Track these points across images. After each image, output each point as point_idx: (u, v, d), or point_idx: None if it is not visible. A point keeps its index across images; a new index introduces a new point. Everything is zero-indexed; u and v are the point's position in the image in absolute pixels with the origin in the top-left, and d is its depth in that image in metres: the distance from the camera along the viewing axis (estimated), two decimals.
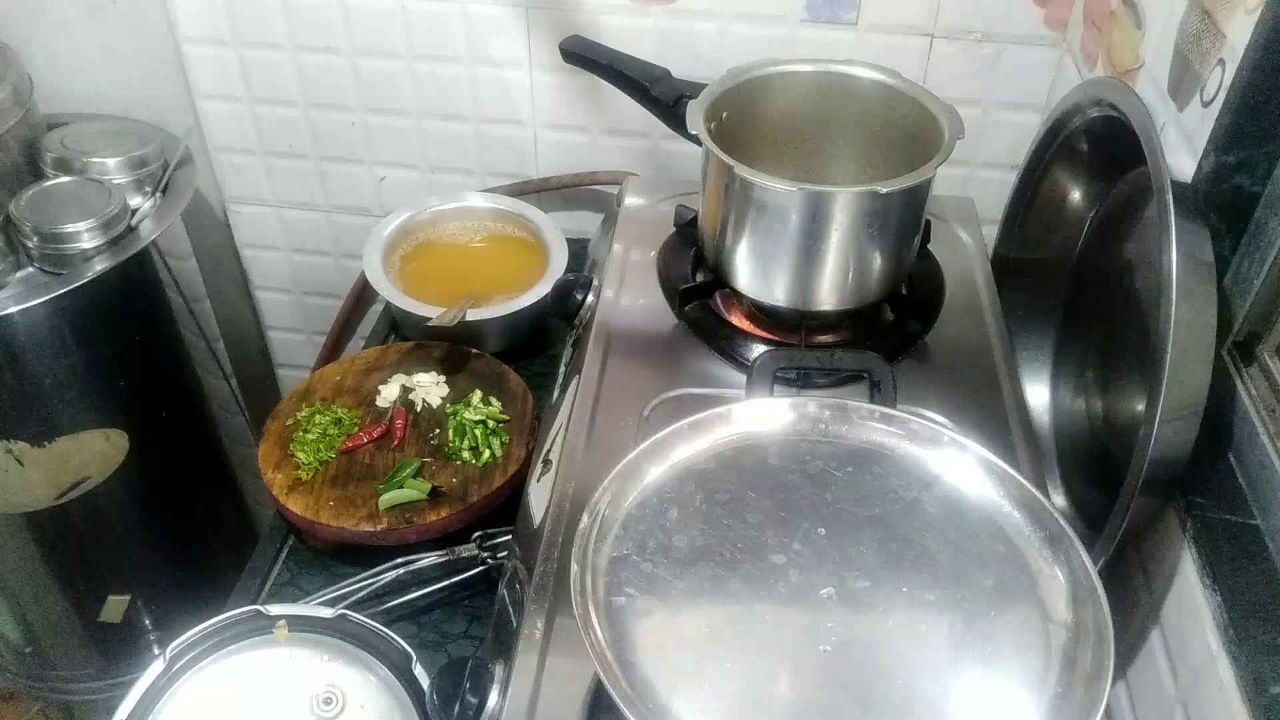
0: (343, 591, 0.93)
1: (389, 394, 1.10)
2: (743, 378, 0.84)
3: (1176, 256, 0.66)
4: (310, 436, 1.04)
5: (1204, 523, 0.69)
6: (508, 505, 0.97)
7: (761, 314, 0.95)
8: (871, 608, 0.61)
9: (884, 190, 0.84)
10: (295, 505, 0.98)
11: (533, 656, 0.68)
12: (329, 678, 0.80)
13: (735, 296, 0.96)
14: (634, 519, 0.65)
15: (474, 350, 1.16)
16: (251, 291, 1.67)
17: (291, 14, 1.32)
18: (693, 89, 0.94)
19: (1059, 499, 0.95)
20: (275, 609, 0.83)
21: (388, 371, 1.13)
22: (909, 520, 0.66)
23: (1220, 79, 0.73)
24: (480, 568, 0.95)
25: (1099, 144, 0.93)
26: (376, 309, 1.51)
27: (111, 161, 1.35)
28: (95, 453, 0.99)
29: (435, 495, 0.98)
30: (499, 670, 0.69)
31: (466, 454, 1.03)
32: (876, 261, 0.89)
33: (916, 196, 0.88)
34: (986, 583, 0.63)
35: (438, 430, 1.06)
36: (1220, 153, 0.72)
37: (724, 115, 0.95)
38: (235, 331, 1.67)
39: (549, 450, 0.87)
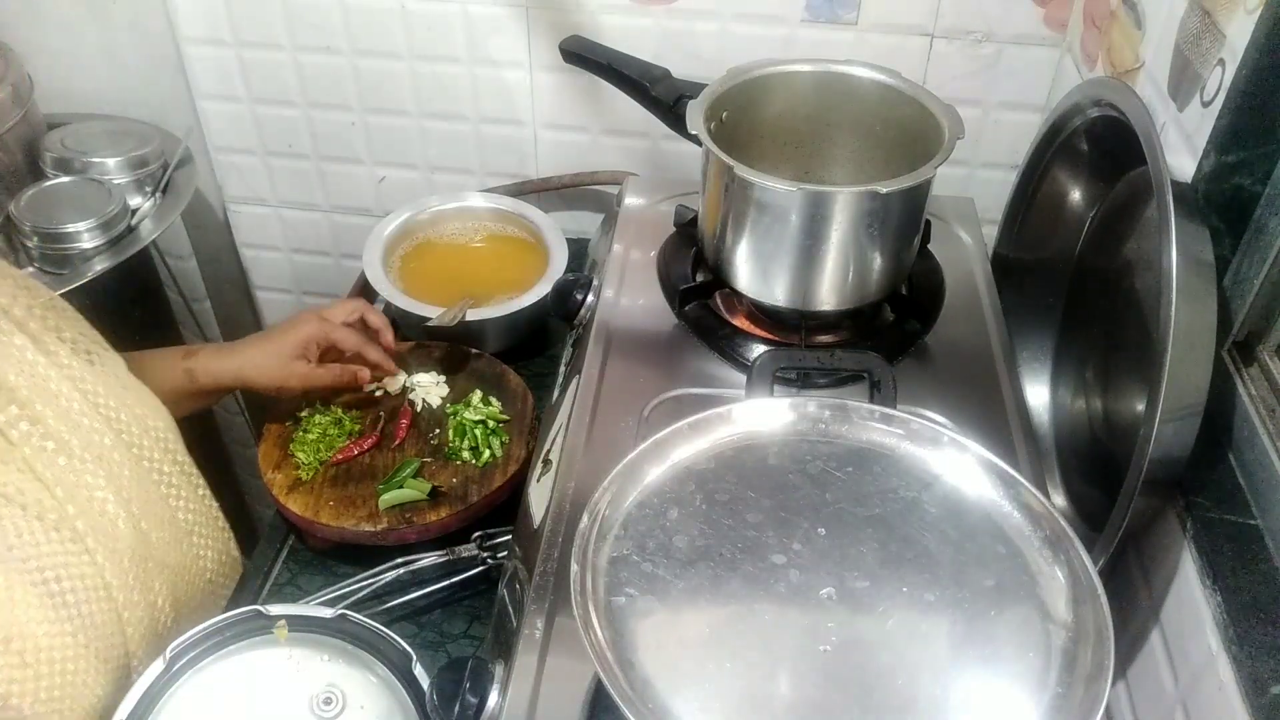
0: (343, 591, 0.93)
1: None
2: (743, 378, 0.84)
3: (1176, 256, 0.66)
4: (310, 436, 1.04)
5: (1204, 523, 0.69)
6: (508, 505, 0.98)
7: (761, 314, 0.95)
8: (871, 608, 0.61)
9: (884, 190, 0.84)
10: (295, 505, 0.98)
11: (533, 656, 0.68)
12: (329, 678, 0.80)
13: (735, 296, 0.96)
14: (634, 519, 0.65)
15: (474, 350, 1.15)
16: (251, 291, 1.66)
17: (291, 14, 1.32)
18: (693, 89, 0.93)
19: (1059, 499, 0.95)
20: (275, 609, 0.82)
21: None
22: (909, 520, 0.66)
23: (1220, 79, 0.73)
24: (480, 568, 0.95)
25: (1099, 144, 0.93)
26: (377, 309, 1.51)
27: (111, 161, 1.35)
28: None
29: (435, 495, 0.98)
30: (499, 670, 0.69)
31: (466, 454, 1.03)
32: (876, 261, 0.89)
33: (916, 196, 0.88)
34: (986, 583, 0.63)
35: (438, 430, 1.06)
36: (1220, 153, 0.72)
37: (724, 115, 0.95)
38: (235, 331, 1.66)
39: (549, 450, 0.87)
